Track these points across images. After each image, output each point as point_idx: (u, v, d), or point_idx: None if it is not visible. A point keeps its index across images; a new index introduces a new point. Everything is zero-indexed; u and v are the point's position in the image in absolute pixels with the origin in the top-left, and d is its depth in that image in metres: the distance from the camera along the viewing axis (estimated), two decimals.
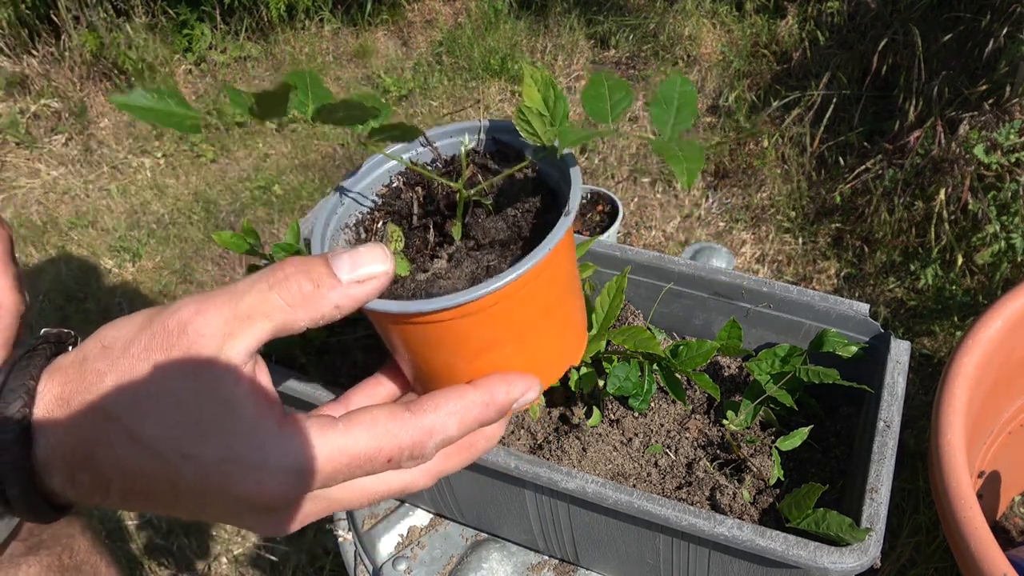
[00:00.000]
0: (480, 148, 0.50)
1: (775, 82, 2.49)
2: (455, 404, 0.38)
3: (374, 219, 0.48)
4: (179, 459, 0.33)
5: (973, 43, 2.11)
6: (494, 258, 0.44)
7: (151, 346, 0.33)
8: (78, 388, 0.33)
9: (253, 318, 0.34)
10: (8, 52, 2.97)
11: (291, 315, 0.35)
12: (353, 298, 0.36)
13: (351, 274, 0.36)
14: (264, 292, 0.34)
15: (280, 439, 0.33)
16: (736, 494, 0.71)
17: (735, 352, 0.76)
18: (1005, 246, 1.71)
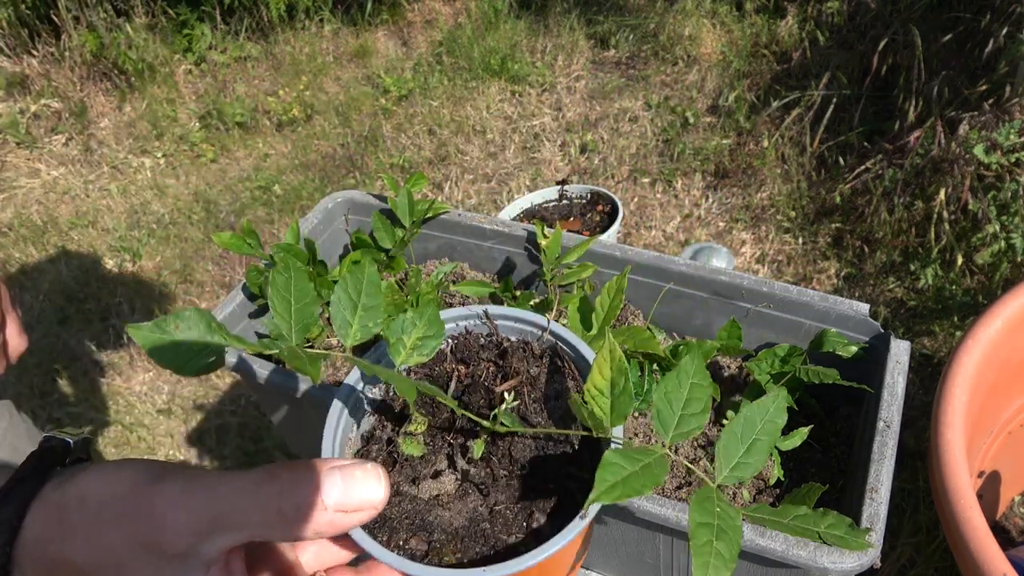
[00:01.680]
0: (540, 346, 0.48)
1: (775, 82, 2.49)
2: None
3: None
4: None
5: (973, 43, 2.11)
6: (504, 501, 0.42)
7: (123, 520, 0.34)
8: (55, 535, 0.34)
9: (228, 525, 0.34)
10: (8, 52, 2.97)
11: (268, 531, 0.34)
12: (337, 527, 0.35)
13: (339, 501, 0.35)
14: (245, 502, 0.34)
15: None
16: (736, 494, 0.71)
17: (735, 352, 0.76)
18: (1005, 246, 1.71)
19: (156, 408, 1.91)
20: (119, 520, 0.34)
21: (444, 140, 2.62)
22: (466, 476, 0.43)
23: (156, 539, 0.33)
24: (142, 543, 0.33)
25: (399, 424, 0.45)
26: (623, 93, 2.69)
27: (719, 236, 2.17)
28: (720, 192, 2.29)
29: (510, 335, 0.49)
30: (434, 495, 0.42)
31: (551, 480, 0.42)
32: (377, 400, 0.47)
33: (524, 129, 2.63)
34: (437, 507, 0.42)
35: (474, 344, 0.48)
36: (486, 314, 0.48)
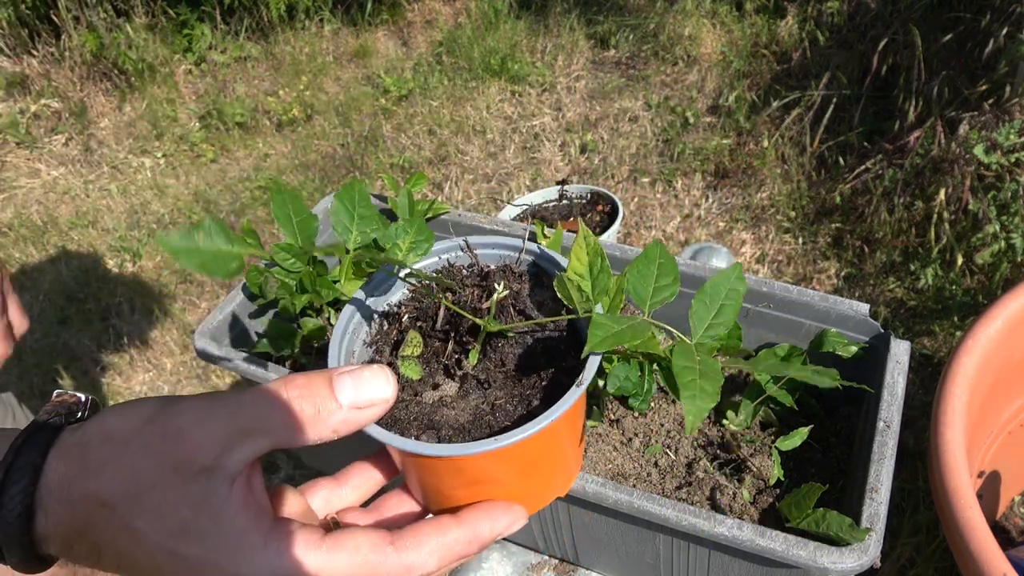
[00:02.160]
0: (518, 268, 0.50)
1: (775, 82, 2.49)
2: (437, 541, 0.39)
3: (399, 315, 0.49)
4: (165, 554, 0.35)
5: (973, 43, 2.11)
6: (503, 396, 0.44)
7: (150, 446, 0.35)
8: (79, 472, 0.35)
9: (251, 434, 0.35)
10: (8, 52, 2.97)
11: (289, 435, 0.36)
12: (352, 423, 0.37)
13: (352, 399, 0.37)
14: (265, 410, 0.36)
15: (262, 552, 0.35)
16: (736, 494, 0.71)
17: (735, 352, 0.76)
18: (1005, 246, 1.71)
19: None
20: (145, 446, 0.35)
21: (444, 140, 2.62)
22: (465, 379, 0.46)
23: (182, 457, 0.34)
24: (169, 464, 0.34)
25: (396, 350, 0.48)
26: (623, 93, 2.69)
27: (719, 236, 2.17)
28: (720, 192, 2.29)
29: (490, 262, 0.51)
30: (438, 398, 0.45)
31: (543, 375, 0.45)
32: (372, 333, 0.49)
33: (524, 129, 2.63)
34: (442, 407, 0.44)
35: (457, 274, 0.50)
36: (466, 243, 0.50)
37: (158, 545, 0.34)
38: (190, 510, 0.34)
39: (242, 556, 0.35)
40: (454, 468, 0.41)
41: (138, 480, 0.34)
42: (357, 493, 0.45)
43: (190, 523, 0.34)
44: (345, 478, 0.45)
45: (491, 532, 0.41)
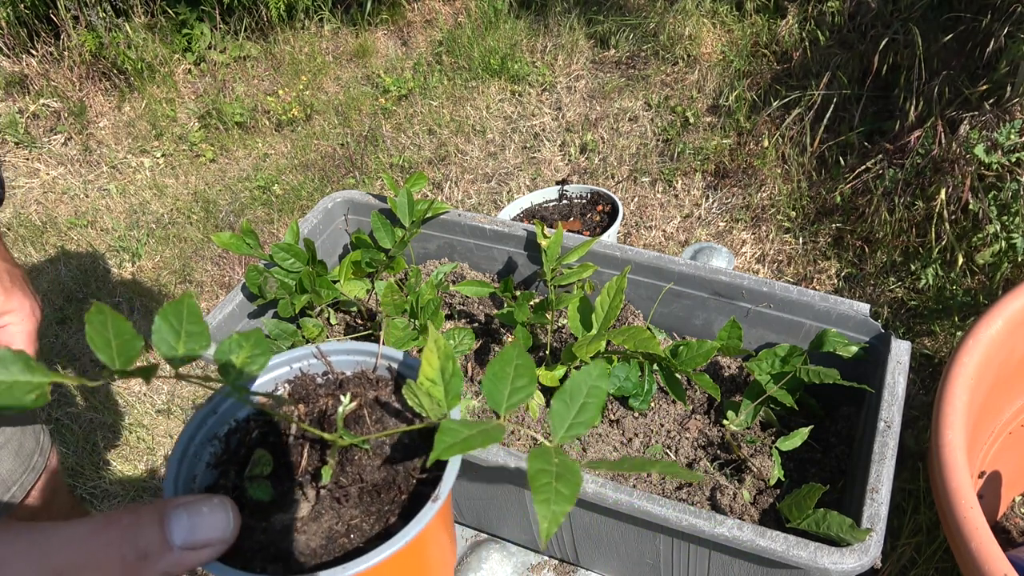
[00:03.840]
0: (374, 374, 0.48)
1: (775, 82, 2.49)
2: None
3: (248, 430, 0.46)
4: None
5: (973, 43, 2.11)
6: (359, 514, 0.42)
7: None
8: None
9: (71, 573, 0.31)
10: (7, 52, 2.96)
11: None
12: (185, 566, 0.33)
13: (185, 539, 0.33)
14: (79, 556, 0.31)
15: None
16: (736, 494, 0.70)
17: (735, 352, 0.76)
18: (1005, 246, 1.71)
19: (155, 408, 1.91)
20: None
21: (444, 140, 2.62)
22: (319, 499, 0.43)
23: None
24: None
25: (242, 470, 0.45)
26: (623, 93, 2.69)
27: (719, 236, 2.17)
28: (720, 192, 2.29)
29: (346, 369, 0.49)
30: (288, 522, 0.42)
31: (403, 487, 0.43)
32: (217, 454, 0.46)
33: (524, 129, 2.63)
34: (293, 532, 0.41)
35: (311, 383, 0.48)
36: (319, 350, 0.48)
37: None
38: None
39: None
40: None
41: None
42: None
43: None
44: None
45: None
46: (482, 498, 0.76)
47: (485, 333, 0.90)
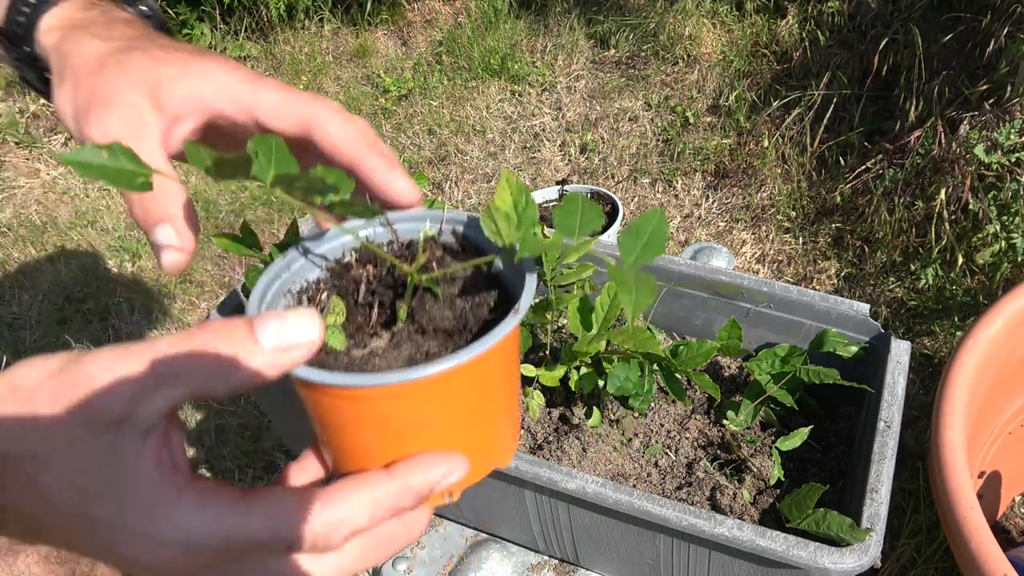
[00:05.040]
0: (440, 237, 0.48)
1: (775, 82, 2.49)
2: (367, 494, 0.36)
3: (319, 289, 0.47)
4: (74, 517, 0.32)
5: (973, 43, 2.11)
6: (436, 346, 0.43)
7: (58, 396, 0.32)
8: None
9: (166, 382, 0.33)
10: None
11: (207, 382, 0.33)
12: (276, 367, 0.34)
13: (276, 341, 0.34)
14: (181, 355, 0.33)
15: (174, 511, 0.33)
16: (736, 494, 0.70)
17: (735, 352, 0.76)
18: (1005, 246, 1.71)
19: None
20: (52, 397, 0.32)
21: (444, 140, 2.62)
22: (393, 338, 0.43)
23: (91, 408, 0.32)
24: (79, 416, 0.32)
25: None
26: (623, 93, 2.69)
27: (719, 236, 2.17)
28: (720, 192, 2.29)
29: (411, 236, 0.49)
30: (368, 352, 0.42)
31: (475, 333, 0.44)
32: (290, 305, 0.47)
33: (524, 129, 2.63)
34: (373, 358, 0.42)
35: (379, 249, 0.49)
36: (386, 218, 0.48)
37: (67, 506, 0.32)
38: (100, 466, 0.32)
39: (153, 516, 0.32)
40: (373, 413, 0.38)
41: (45, 434, 0.32)
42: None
43: (100, 481, 0.32)
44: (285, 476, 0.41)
45: (425, 482, 0.37)
46: (482, 498, 0.76)
47: None
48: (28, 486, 0.32)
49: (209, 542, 0.33)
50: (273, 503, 0.34)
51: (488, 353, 0.38)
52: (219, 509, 0.33)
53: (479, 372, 0.40)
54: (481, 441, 0.43)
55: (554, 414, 0.81)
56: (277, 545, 0.34)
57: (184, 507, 0.33)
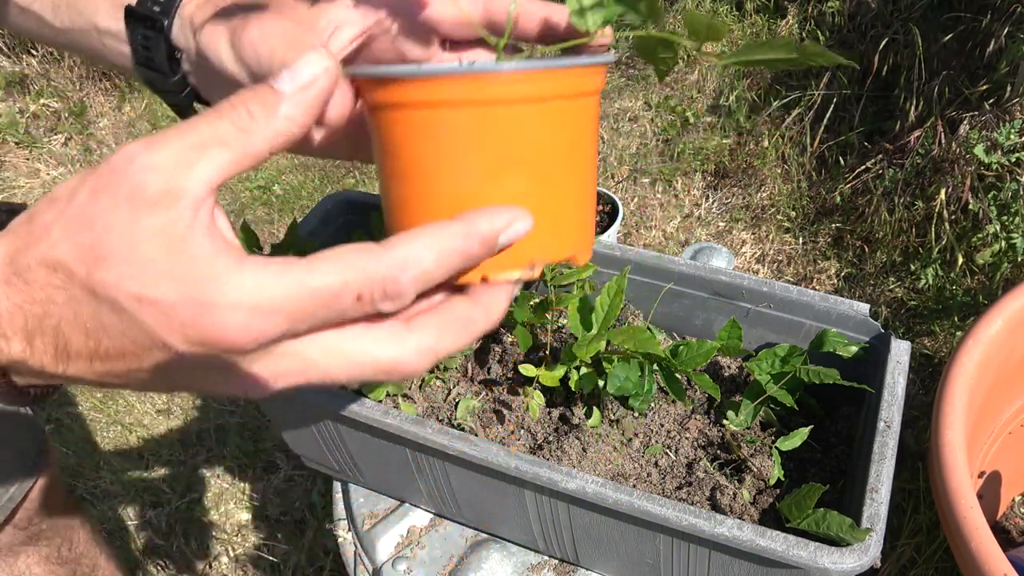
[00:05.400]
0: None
1: (775, 82, 2.49)
2: (431, 236, 0.34)
3: None
4: (135, 304, 0.31)
5: (973, 43, 2.11)
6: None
7: (98, 187, 0.32)
8: (26, 244, 0.32)
9: (208, 146, 0.32)
10: (7, 52, 2.97)
11: (246, 138, 0.33)
12: (303, 104, 0.35)
13: (293, 83, 0.35)
14: (214, 121, 0.33)
15: (238, 275, 0.31)
16: (736, 494, 0.71)
17: (735, 352, 0.76)
18: (1005, 246, 1.71)
19: (156, 408, 1.91)
20: (93, 190, 0.31)
21: None
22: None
23: (134, 184, 0.31)
24: (122, 196, 0.31)
25: None
26: (623, 93, 2.69)
27: (719, 236, 2.17)
28: (720, 192, 2.29)
29: None
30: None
31: None
32: None
33: None
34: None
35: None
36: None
37: (126, 296, 0.31)
38: (153, 243, 0.31)
39: (215, 284, 0.31)
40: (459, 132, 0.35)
41: (89, 227, 0.31)
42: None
43: (156, 259, 0.31)
44: None
45: (491, 227, 0.35)
46: (482, 498, 0.76)
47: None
48: (81, 292, 0.31)
49: (279, 302, 0.31)
50: (335, 255, 0.33)
51: (594, 78, 0.37)
52: (283, 267, 0.32)
53: (578, 110, 0.37)
54: (566, 209, 0.39)
55: (554, 414, 0.81)
56: (346, 294, 0.32)
57: (245, 272, 0.31)
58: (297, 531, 1.61)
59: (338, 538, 0.90)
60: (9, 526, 0.85)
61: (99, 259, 0.31)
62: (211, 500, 1.71)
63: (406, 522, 0.87)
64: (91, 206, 0.31)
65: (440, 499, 0.82)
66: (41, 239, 0.31)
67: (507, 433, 0.79)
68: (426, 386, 0.84)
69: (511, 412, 0.81)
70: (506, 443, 0.79)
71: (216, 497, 1.71)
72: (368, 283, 0.32)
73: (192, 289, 0.31)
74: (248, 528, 1.65)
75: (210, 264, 0.31)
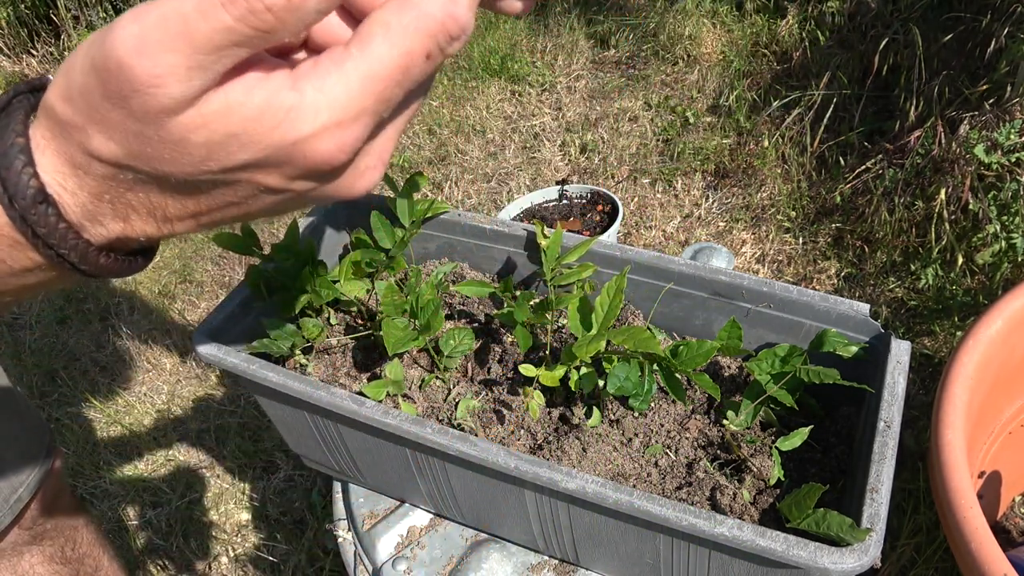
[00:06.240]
0: None
1: (775, 82, 2.49)
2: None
3: None
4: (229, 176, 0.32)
5: (973, 43, 2.11)
6: None
7: (112, 100, 0.30)
8: (70, 153, 0.32)
9: (220, 51, 0.29)
10: (8, 52, 2.97)
11: (268, 38, 0.29)
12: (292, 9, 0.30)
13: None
14: (221, 18, 0.28)
15: (304, 99, 0.30)
16: (736, 494, 0.71)
17: (735, 352, 0.76)
18: (1005, 246, 1.71)
19: (155, 408, 1.91)
20: (105, 96, 0.30)
21: (444, 140, 2.62)
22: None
23: (149, 107, 0.29)
24: (141, 117, 0.30)
25: None
26: (623, 93, 2.69)
27: (719, 236, 2.17)
28: (720, 192, 2.29)
29: None
30: None
31: None
32: None
33: (524, 129, 2.63)
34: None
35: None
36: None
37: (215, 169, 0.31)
38: (210, 132, 0.30)
39: (290, 120, 0.30)
40: None
41: (122, 128, 0.30)
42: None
43: (222, 141, 0.30)
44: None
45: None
46: (482, 498, 0.76)
47: (485, 333, 0.90)
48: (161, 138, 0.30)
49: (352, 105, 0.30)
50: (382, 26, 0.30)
51: None
52: (337, 67, 0.30)
53: None
54: None
55: (554, 414, 0.81)
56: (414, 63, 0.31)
57: (307, 90, 0.30)
58: (297, 531, 1.61)
59: (338, 538, 0.90)
60: (15, 527, 0.85)
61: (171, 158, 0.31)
62: (211, 500, 1.71)
63: (406, 522, 0.87)
64: (115, 114, 0.30)
65: (440, 499, 0.82)
66: (78, 139, 0.31)
67: (507, 433, 0.79)
68: (426, 386, 0.84)
69: (511, 412, 0.81)
70: (506, 443, 0.79)
71: (216, 497, 1.71)
72: (430, 37, 0.30)
73: (275, 138, 0.30)
74: (248, 528, 1.65)
75: (272, 105, 0.30)
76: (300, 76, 0.30)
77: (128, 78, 0.29)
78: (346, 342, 0.88)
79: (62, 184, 0.33)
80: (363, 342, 0.89)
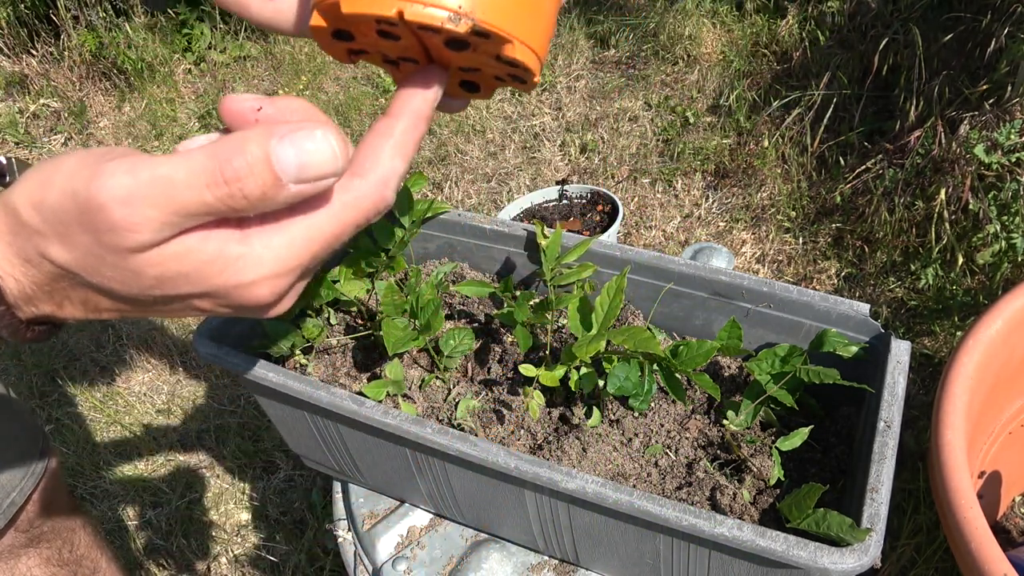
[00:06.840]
0: None
1: (775, 82, 2.49)
2: (401, 121, 0.40)
3: None
4: (172, 303, 0.37)
5: (973, 43, 2.11)
6: None
7: (82, 224, 0.34)
8: (28, 237, 0.36)
9: (193, 216, 0.33)
10: (7, 52, 2.96)
11: (236, 214, 0.34)
12: (303, 195, 0.35)
13: (298, 177, 0.34)
14: (204, 195, 0.33)
15: (248, 250, 0.35)
16: (736, 494, 0.70)
17: (735, 352, 0.76)
18: (1005, 246, 1.71)
19: (155, 408, 1.91)
20: (79, 223, 0.34)
21: (444, 140, 2.62)
22: None
23: (118, 244, 0.34)
24: (106, 246, 0.34)
25: None
26: (623, 93, 2.69)
27: (719, 236, 2.17)
28: (720, 192, 2.29)
29: None
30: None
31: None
32: None
33: (524, 129, 2.63)
34: None
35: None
36: None
37: (156, 294, 0.36)
38: (166, 276, 0.35)
39: (232, 269, 0.35)
40: None
41: (86, 254, 0.35)
42: None
43: (175, 279, 0.35)
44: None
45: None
46: (482, 498, 0.76)
47: (485, 333, 0.90)
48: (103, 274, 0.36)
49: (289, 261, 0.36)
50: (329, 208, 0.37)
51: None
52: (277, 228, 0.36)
53: None
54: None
55: (554, 414, 0.81)
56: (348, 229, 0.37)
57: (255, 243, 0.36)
58: (297, 531, 1.61)
59: (338, 538, 0.90)
60: (11, 529, 0.85)
61: (103, 281, 0.36)
62: (211, 500, 1.71)
63: (406, 522, 0.87)
64: (81, 238, 0.34)
65: (440, 499, 0.82)
66: (40, 248, 0.36)
67: (507, 433, 0.79)
68: (426, 386, 0.84)
69: (511, 412, 0.81)
70: (506, 443, 0.79)
71: (216, 497, 1.71)
72: (362, 214, 0.37)
73: (220, 280, 0.35)
74: (248, 528, 1.65)
75: (223, 253, 0.35)
76: (249, 232, 0.35)
77: (107, 218, 0.33)
78: (346, 342, 0.88)
79: (9, 273, 0.37)
80: (363, 342, 0.89)
